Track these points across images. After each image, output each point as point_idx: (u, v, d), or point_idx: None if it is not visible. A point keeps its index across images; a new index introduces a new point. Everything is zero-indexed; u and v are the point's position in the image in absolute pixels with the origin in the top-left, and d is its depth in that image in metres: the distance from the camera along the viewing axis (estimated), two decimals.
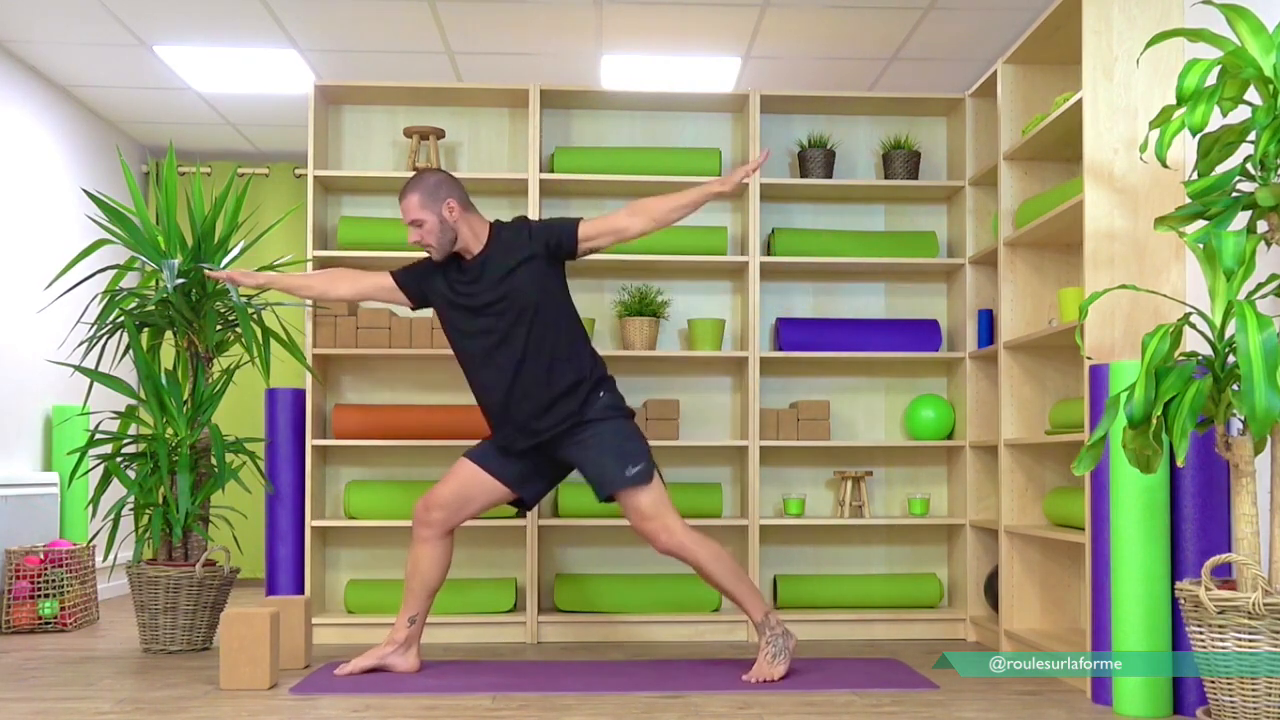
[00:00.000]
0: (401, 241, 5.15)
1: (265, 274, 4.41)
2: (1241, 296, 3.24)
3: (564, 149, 5.26)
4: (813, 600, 5.25)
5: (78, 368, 4.81)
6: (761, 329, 5.43)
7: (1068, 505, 4.34)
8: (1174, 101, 3.74)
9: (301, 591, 5.04)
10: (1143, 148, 3.37)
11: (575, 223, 4.16)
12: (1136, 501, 3.58)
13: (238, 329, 5.04)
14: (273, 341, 6.37)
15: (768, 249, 5.34)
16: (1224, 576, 3.50)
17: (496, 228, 4.20)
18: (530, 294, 4.11)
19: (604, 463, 4.13)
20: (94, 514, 5.46)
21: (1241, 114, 3.68)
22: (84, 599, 5.56)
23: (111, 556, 6.81)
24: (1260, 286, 3.16)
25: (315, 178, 5.14)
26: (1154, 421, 3.04)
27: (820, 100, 5.31)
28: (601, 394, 4.19)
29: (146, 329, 4.98)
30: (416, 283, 4.29)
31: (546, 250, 4.15)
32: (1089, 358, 3.95)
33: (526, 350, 4.11)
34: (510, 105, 5.38)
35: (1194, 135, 3.11)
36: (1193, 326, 3.09)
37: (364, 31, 5.53)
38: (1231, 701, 2.98)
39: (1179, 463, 2.94)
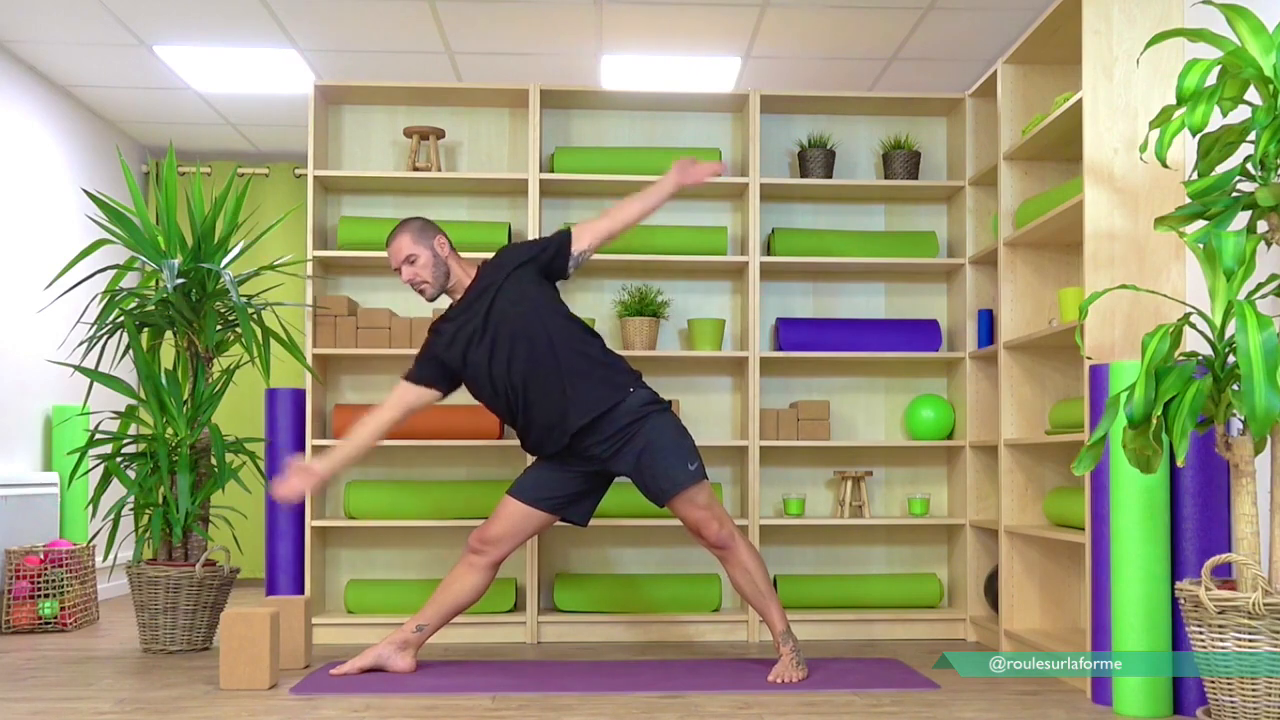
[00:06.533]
0: None
1: (330, 461, 4.18)
2: (1241, 296, 3.24)
3: (564, 149, 5.26)
4: (813, 600, 5.24)
5: (78, 368, 4.81)
6: (761, 329, 5.43)
7: (1068, 505, 4.34)
8: (1174, 101, 3.74)
9: (301, 591, 5.04)
10: (1143, 148, 3.37)
11: (566, 235, 4.23)
12: (1136, 501, 3.57)
13: (238, 329, 5.04)
14: (273, 341, 6.36)
15: (768, 249, 5.34)
16: (1224, 576, 3.50)
17: (483, 264, 4.27)
18: (520, 304, 4.12)
19: (664, 465, 4.11)
20: (94, 514, 5.46)
21: (1241, 114, 3.68)
22: (84, 599, 5.56)
23: (111, 556, 6.81)
24: (1260, 286, 3.16)
25: (315, 178, 5.14)
26: (1154, 421, 3.04)
27: (820, 100, 5.31)
28: (632, 390, 4.16)
29: (146, 329, 4.98)
30: (436, 367, 4.21)
31: (535, 261, 4.18)
32: (1089, 358, 3.95)
33: (532, 355, 4.11)
34: (510, 105, 5.38)
35: (1194, 135, 3.11)
36: (1193, 326, 3.09)
37: (364, 31, 5.53)
38: (1231, 701, 2.98)
39: (1179, 463, 2.94)
